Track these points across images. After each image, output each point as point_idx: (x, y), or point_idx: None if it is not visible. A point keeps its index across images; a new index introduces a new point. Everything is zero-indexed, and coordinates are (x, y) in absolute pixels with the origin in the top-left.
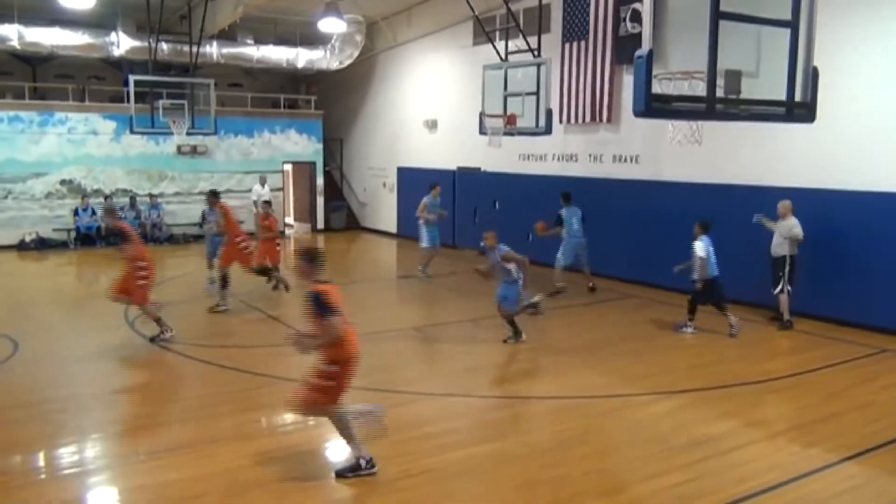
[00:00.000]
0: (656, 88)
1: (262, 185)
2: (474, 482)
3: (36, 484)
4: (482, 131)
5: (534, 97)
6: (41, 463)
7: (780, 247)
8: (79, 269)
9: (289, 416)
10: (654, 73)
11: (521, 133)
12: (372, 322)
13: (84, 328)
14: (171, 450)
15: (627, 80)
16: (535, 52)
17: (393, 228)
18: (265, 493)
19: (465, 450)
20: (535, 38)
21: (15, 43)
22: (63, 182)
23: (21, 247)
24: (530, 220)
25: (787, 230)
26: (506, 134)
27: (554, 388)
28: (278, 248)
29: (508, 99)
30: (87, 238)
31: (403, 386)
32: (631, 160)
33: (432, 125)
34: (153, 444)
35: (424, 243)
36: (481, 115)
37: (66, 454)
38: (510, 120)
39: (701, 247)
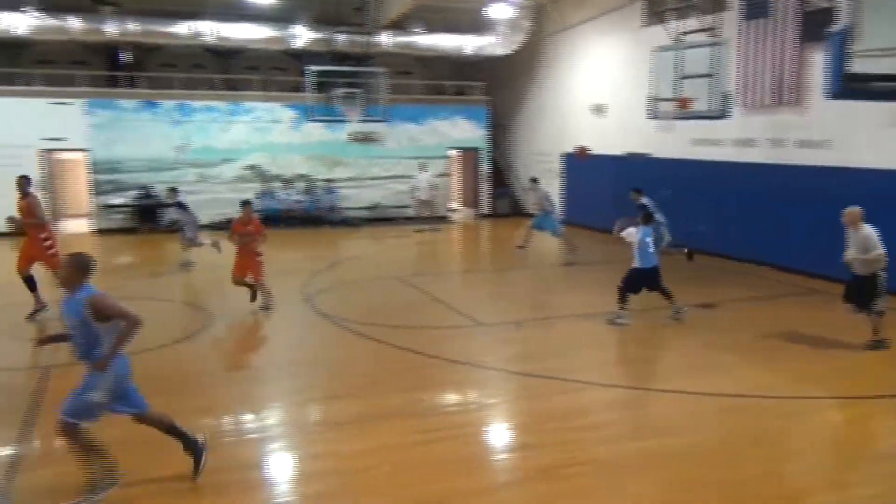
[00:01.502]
0: (853, 67)
1: (423, 171)
2: (642, 477)
3: (223, 446)
4: (652, 115)
5: (707, 79)
6: (228, 427)
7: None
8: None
9: (455, 397)
10: (849, 50)
11: (695, 117)
12: (538, 308)
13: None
14: (344, 422)
15: (815, 60)
16: (712, 32)
17: (557, 214)
18: (433, 471)
19: (632, 443)
20: (711, 17)
21: (210, 38)
22: (248, 167)
23: (212, 227)
24: (702, 207)
25: (860, 245)
26: (677, 118)
27: (726, 385)
28: (259, 258)
29: (681, 82)
30: (266, 219)
31: (569, 374)
32: (819, 145)
33: (599, 110)
34: (328, 415)
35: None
36: (651, 98)
37: (250, 420)
38: (683, 103)
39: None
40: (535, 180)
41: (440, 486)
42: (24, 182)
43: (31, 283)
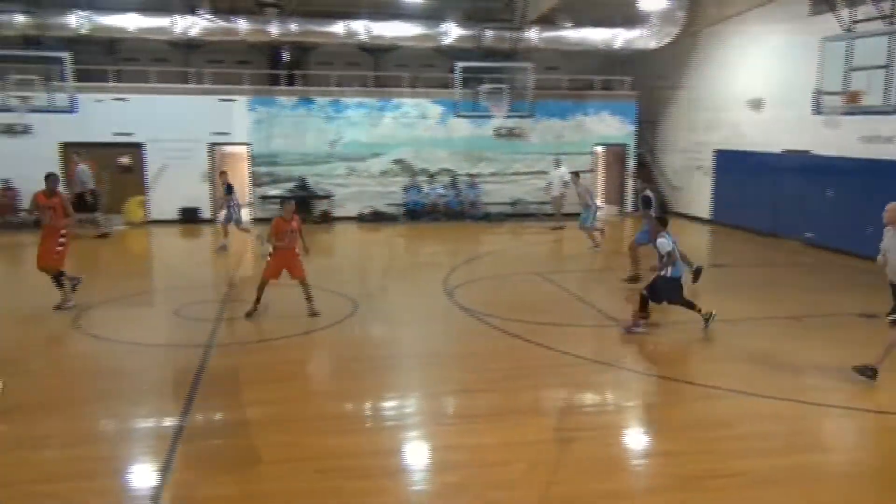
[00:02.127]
0: None
1: (558, 167)
2: (790, 496)
3: (364, 431)
4: (817, 110)
5: (882, 71)
6: (368, 412)
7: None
8: (406, 240)
9: (594, 397)
10: None
11: (865, 112)
12: (678, 310)
13: (409, 294)
14: (479, 416)
15: None
16: (890, 20)
17: (706, 214)
18: (569, 471)
19: (781, 457)
20: (889, 3)
21: (364, 37)
22: (395, 161)
23: (360, 219)
24: (869, 209)
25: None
26: (846, 113)
27: (890, 402)
28: (299, 257)
29: (851, 74)
30: (410, 213)
31: (712, 380)
32: None
33: (757, 105)
34: (464, 407)
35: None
36: (817, 92)
37: (389, 407)
38: (852, 97)
39: None
40: (576, 174)
41: (575, 486)
42: (53, 181)
43: (58, 278)
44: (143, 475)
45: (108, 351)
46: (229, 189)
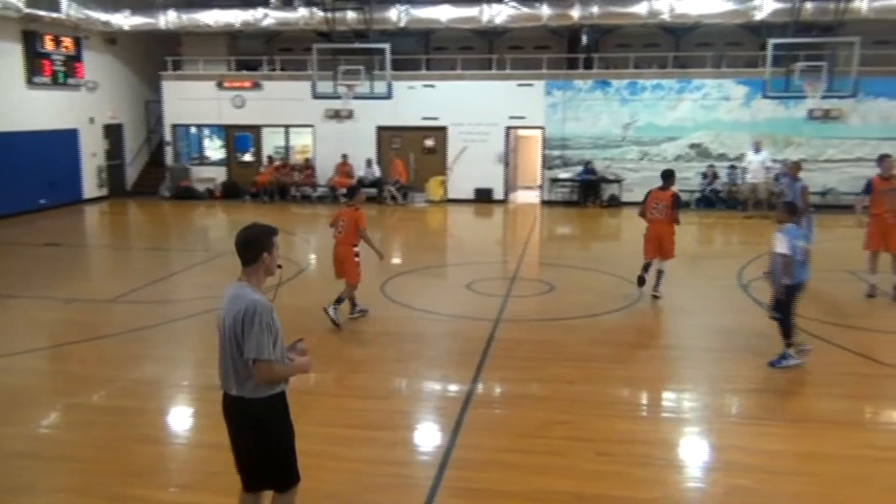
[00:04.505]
0: None
1: (757, 152)
2: None
3: (646, 419)
4: None
5: None
6: (652, 401)
7: None
8: (698, 228)
9: None
10: None
11: None
12: None
13: (700, 284)
14: (769, 419)
15: None
16: None
17: None
18: (881, 494)
19: None
20: None
21: (666, 16)
22: (692, 146)
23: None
24: None
25: None
26: None
27: None
28: (357, 258)
29: None
30: (704, 199)
31: None
32: None
33: None
34: (751, 407)
35: None
36: None
37: (674, 398)
38: None
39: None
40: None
41: None
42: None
43: None
44: (435, 433)
45: (407, 317)
46: None
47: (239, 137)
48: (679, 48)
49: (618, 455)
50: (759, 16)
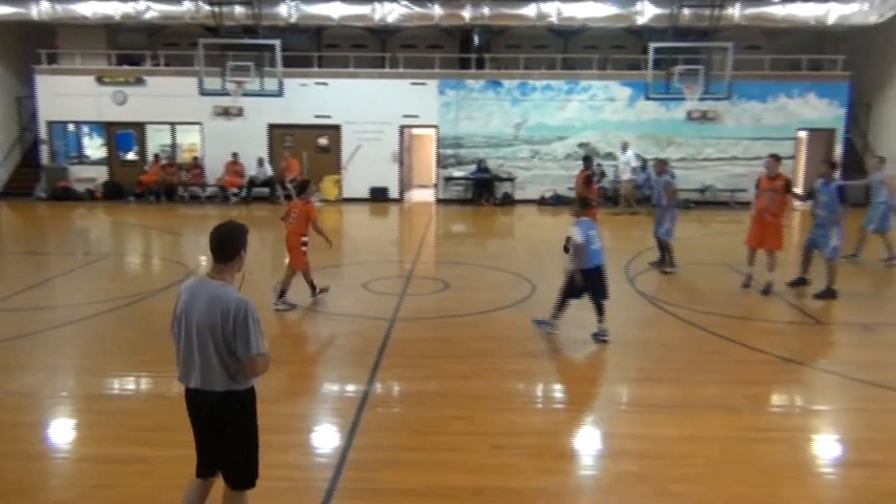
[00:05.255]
0: None
1: (624, 151)
2: None
3: (539, 411)
4: None
5: None
6: (544, 393)
7: None
8: None
9: (784, 396)
10: None
11: None
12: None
13: None
14: (658, 406)
15: None
16: None
17: None
18: (755, 472)
19: None
20: None
21: (554, 19)
22: (580, 145)
23: (541, 202)
24: None
25: None
26: None
27: None
28: (304, 249)
29: None
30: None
31: None
32: None
33: None
34: (642, 396)
35: None
36: None
37: (566, 390)
38: None
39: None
40: (881, 159)
41: (762, 490)
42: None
43: None
44: (331, 434)
45: (301, 318)
46: None
47: (121, 135)
48: (567, 50)
49: (513, 447)
50: (640, 20)
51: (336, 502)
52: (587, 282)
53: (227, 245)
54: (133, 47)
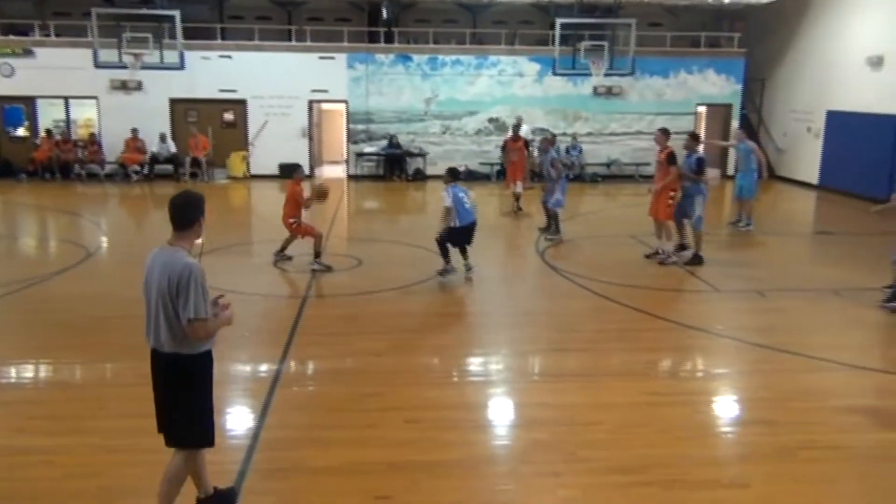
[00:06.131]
0: None
1: (520, 126)
2: (891, 471)
3: (452, 385)
4: None
5: None
6: (457, 367)
7: None
8: (500, 199)
9: (686, 362)
10: None
11: None
12: (783, 278)
13: (501, 253)
14: (568, 375)
15: None
16: None
17: (814, 179)
18: (659, 434)
19: (884, 433)
20: None
21: None
22: (490, 120)
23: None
24: None
25: None
26: None
27: None
28: (304, 223)
29: None
30: (503, 172)
31: (817, 351)
32: None
33: (877, 62)
34: (552, 366)
35: None
36: None
37: (478, 363)
38: None
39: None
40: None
41: (666, 450)
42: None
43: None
44: (243, 415)
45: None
46: None
47: (9, 110)
48: (476, 25)
49: (427, 421)
50: None
51: (250, 483)
52: (462, 235)
53: (185, 213)
54: (19, 17)
